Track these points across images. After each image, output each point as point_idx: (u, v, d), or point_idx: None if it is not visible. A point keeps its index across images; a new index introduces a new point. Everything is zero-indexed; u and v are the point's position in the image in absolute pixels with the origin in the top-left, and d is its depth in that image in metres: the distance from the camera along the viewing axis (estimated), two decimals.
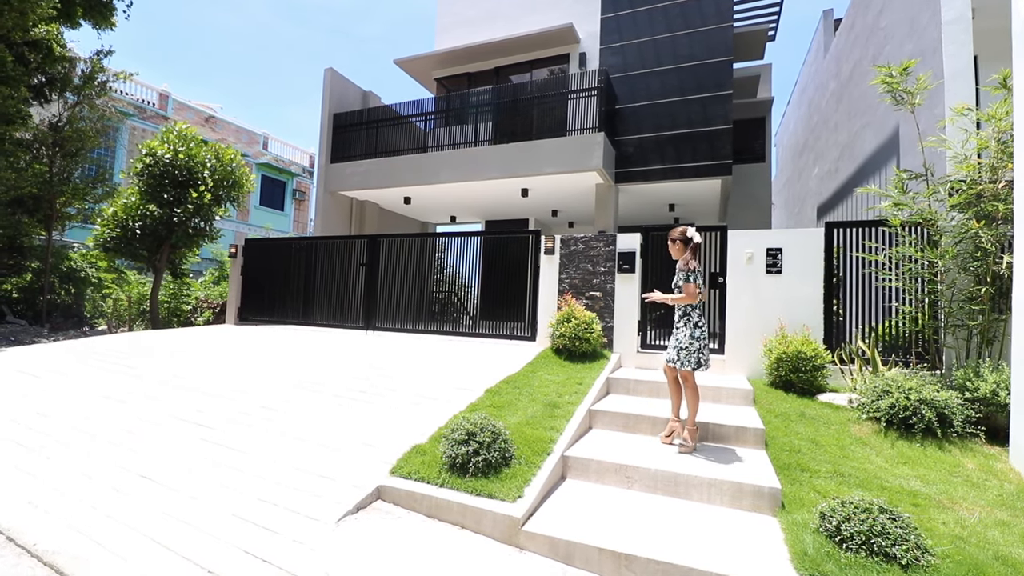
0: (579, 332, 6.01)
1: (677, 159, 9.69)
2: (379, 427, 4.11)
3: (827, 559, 2.49)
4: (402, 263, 8.19)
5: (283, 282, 9.28)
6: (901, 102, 5.31)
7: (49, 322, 10.41)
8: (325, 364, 6.07)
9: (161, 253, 11.17)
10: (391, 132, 11.14)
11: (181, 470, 3.46)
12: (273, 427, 4.16)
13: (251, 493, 3.14)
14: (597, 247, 6.68)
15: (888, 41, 7.78)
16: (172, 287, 13.37)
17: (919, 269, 5.00)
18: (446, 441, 3.42)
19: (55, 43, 9.79)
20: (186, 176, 10.88)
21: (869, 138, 8.83)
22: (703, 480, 3.35)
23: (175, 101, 19.78)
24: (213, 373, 5.74)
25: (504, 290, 7.42)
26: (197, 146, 11.11)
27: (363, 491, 3.14)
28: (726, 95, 9.44)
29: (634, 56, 10.18)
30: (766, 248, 5.92)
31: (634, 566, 2.58)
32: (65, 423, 4.29)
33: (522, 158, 9.51)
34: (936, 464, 3.76)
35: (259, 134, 23.05)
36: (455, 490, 3.12)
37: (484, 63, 11.95)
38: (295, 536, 2.69)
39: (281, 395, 4.94)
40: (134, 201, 10.72)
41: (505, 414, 4.27)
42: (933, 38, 6.11)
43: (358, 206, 12.24)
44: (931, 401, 4.06)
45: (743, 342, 5.94)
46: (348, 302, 8.63)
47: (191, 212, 10.95)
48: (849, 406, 4.76)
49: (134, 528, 2.74)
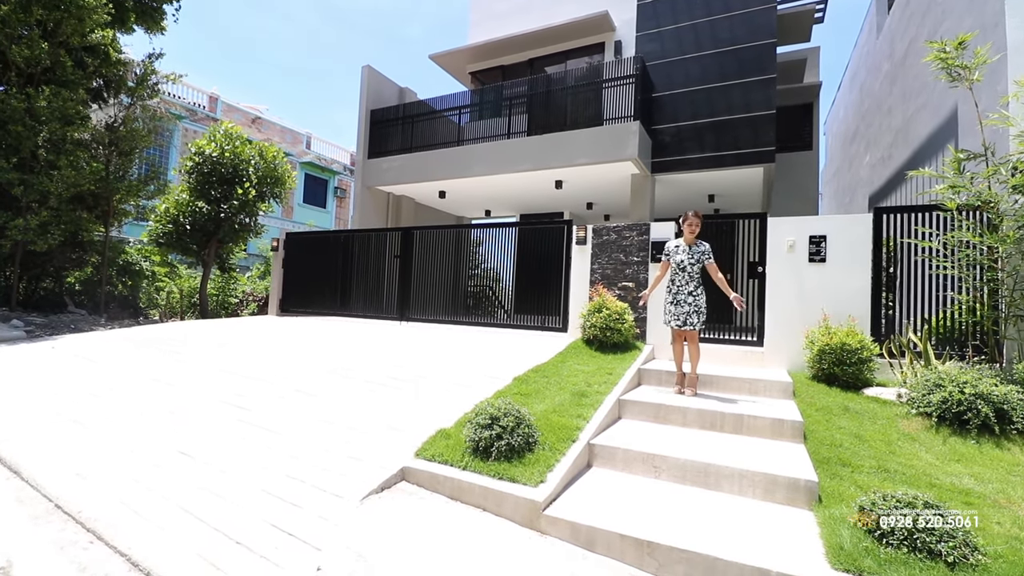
0: (610, 323, 5.92)
1: (716, 147, 9.37)
2: (406, 412, 4.17)
3: (865, 554, 2.35)
4: (435, 255, 8.28)
5: (322, 275, 9.57)
6: (957, 79, 4.94)
7: (107, 312, 11.08)
8: (358, 352, 6.21)
9: (209, 248, 11.72)
10: (426, 127, 11.26)
11: (218, 448, 3.61)
12: (306, 410, 4.29)
13: (281, 470, 3.24)
14: (630, 236, 6.55)
15: (946, 17, 7.27)
16: (220, 281, 14.00)
17: (977, 256, 4.66)
18: (470, 425, 3.43)
19: (111, 48, 10.37)
20: (232, 173, 11.36)
21: (925, 121, 8.29)
22: (735, 471, 3.23)
23: (224, 103, 20.67)
24: (253, 359, 5.97)
25: (536, 281, 7.39)
26: (242, 144, 11.57)
27: (388, 472, 3.19)
28: (769, 79, 9.05)
29: (672, 42, 9.90)
30: (809, 235, 5.65)
31: (657, 554, 2.51)
32: (115, 403, 4.56)
33: (555, 149, 9.42)
34: (993, 462, 3.50)
35: (302, 134, 23.80)
36: (478, 473, 3.12)
37: (518, 55, 11.90)
38: (320, 512, 2.76)
39: (315, 381, 5.09)
40: (184, 198, 11.28)
41: (532, 402, 4.25)
42: (995, 10, 5.66)
43: (394, 201, 12.45)
44: (989, 396, 3.78)
45: (783, 334, 5.70)
46: (383, 294, 8.81)
47: (237, 208, 11.43)
48: (898, 401, 4.50)
49: (170, 499, 2.88)
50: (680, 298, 4.82)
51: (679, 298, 4.83)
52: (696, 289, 4.79)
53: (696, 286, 4.80)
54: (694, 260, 4.80)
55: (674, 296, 4.88)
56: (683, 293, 4.81)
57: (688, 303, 4.78)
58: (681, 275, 4.85)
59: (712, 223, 6.35)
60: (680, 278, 4.86)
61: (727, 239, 6.33)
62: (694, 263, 4.79)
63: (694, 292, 4.79)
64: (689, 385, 4.83)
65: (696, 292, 4.79)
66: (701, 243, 4.89)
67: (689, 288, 4.80)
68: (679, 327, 4.81)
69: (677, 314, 4.82)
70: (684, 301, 4.79)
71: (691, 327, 4.75)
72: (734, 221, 6.34)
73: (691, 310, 4.76)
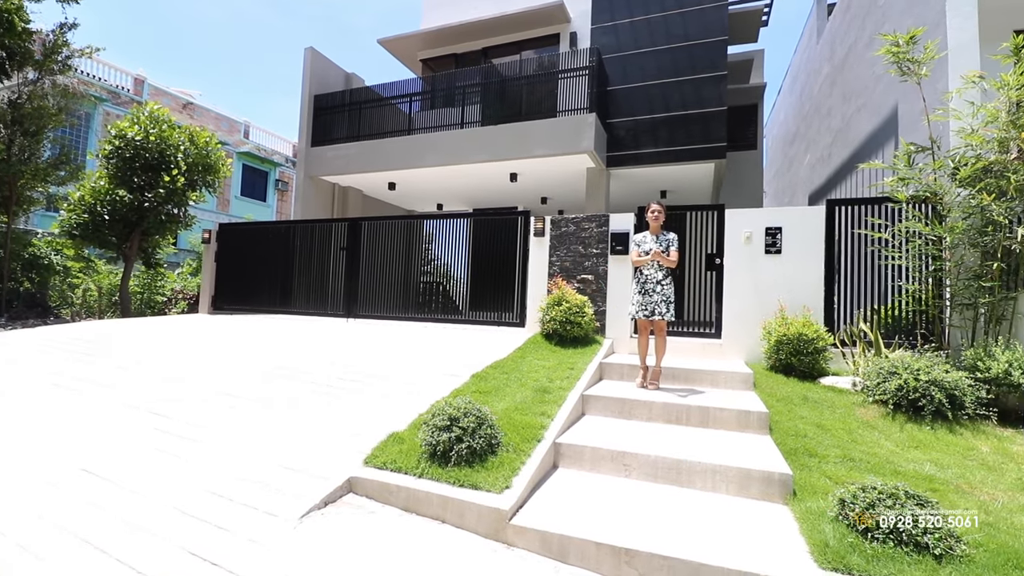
0: (570, 316, 5.72)
1: (670, 142, 9.41)
2: (354, 415, 3.78)
3: (851, 550, 2.23)
4: (385, 248, 7.83)
5: (260, 269, 8.86)
6: (907, 73, 5.06)
7: (9, 312, 9.86)
8: (300, 351, 5.71)
9: (132, 241, 10.66)
10: (375, 115, 10.72)
11: (128, 463, 3.10)
12: (238, 416, 3.81)
13: (205, 487, 2.80)
14: (589, 228, 6.39)
15: (887, 19, 7.56)
16: (145, 277, 12.83)
17: (925, 246, 4.78)
18: (426, 428, 3.10)
19: (16, 16, 9.19)
20: (158, 159, 10.36)
21: (864, 121, 8.63)
22: (707, 467, 3.08)
23: (151, 86, 19.06)
24: (176, 360, 5.35)
25: (492, 275, 7.10)
26: (170, 128, 10.58)
27: (332, 484, 2.81)
28: (721, 76, 9.17)
29: (627, 36, 9.86)
30: (765, 227, 5.67)
31: (636, 562, 2.30)
32: (5, 414, 3.89)
33: (511, 140, 9.17)
34: (949, 447, 3.54)
35: (240, 122, 22.38)
36: (435, 480, 2.81)
37: (471, 43, 11.55)
38: (250, 535, 2.36)
39: (249, 383, 4.59)
40: (103, 185, 10.18)
41: (492, 400, 3.97)
42: (936, 11, 5.87)
43: (340, 192, 11.80)
44: (941, 382, 3.84)
45: (741, 325, 5.70)
46: (328, 289, 8.25)
47: (163, 197, 10.44)
48: (853, 389, 4.55)
49: (65, 528, 2.40)
50: (648, 287, 4.73)
51: (647, 287, 4.74)
52: (664, 279, 4.74)
53: (665, 275, 4.74)
54: (663, 248, 4.75)
55: (642, 286, 4.78)
56: (651, 282, 4.72)
57: (657, 292, 4.69)
58: (650, 265, 4.78)
59: (671, 214, 6.28)
60: (648, 268, 4.79)
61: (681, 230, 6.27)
62: (663, 252, 4.73)
63: (662, 281, 4.72)
64: (653, 379, 4.71)
65: (664, 281, 4.73)
66: (667, 232, 4.84)
67: (658, 277, 4.72)
68: (646, 317, 4.71)
69: (645, 304, 4.72)
70: (653, 291, 4.71)
71: (659, 317, 4.66)
72: (691, 213, 6.29)
73: (660, 299, 4.68)
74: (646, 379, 4.74)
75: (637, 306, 4.77)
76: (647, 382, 4.71)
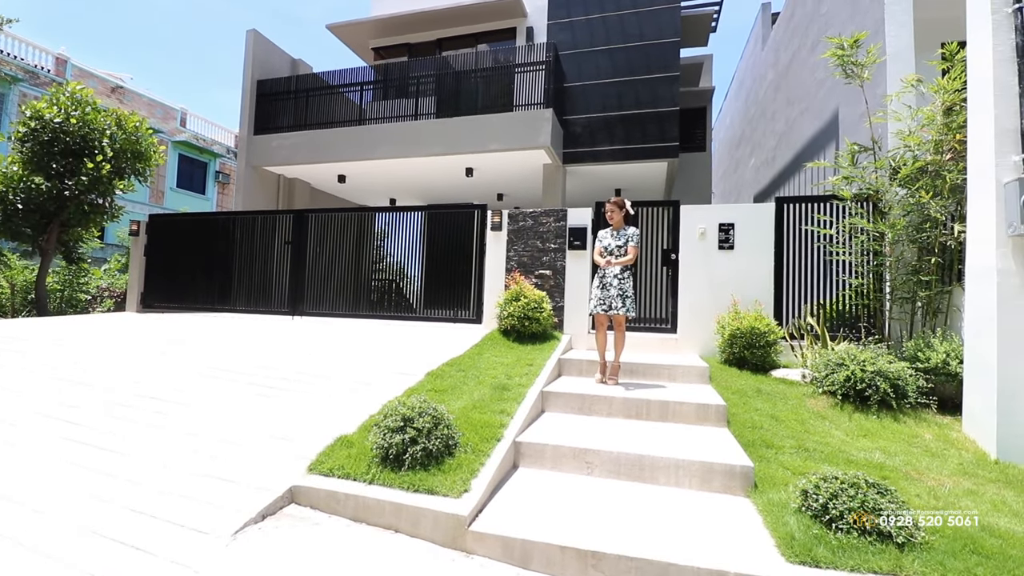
0: (528, 312, 5.60)
1: (626, 140, 9.48)
2: (298, 418, 3.50)
3: (816, 542, 2.20)
4: (334, 242, 7.45)
5: (196, 264, 8.25)
6: (851, 76, 5.26)
7: None
8: (238, 351, 5.30)
9: (49, 233, 9.68)
10: (324, 103, 10.22)
11: (32, 478, 2.71)
12: (164, 422, 3.44)
13: (123, 503, 2.47)
14: (547, 223, 6.29)
15: (829, 27, 7.89)
16: (66, 273, 11.73)
17: (869, 242, 4.97)
18: (378, 429, 2.88)
19: None
20: (80, 144, 9.44)
21: (807, 124, 9.00)
22: (670, 462, 3.02)
23: (75, 67, 17.53)
24: (97, 363, 4.84)
25: (448, 270, 6.88)
26: (95, 111, 9.69)
27: (271, 494, 2.55)
28: (674, 77, 9.32)
29: (583, 33, 9.86)
30: (719, 223, 5.76)
31: (603, 565, 2.18)
32: None
33: (467, 134, 8.96)
34: (895, 436, 3.67)
35: (176, 109, 20.95)
36: (388, 487, 2.60)
37: (425, 33, 11.25)
38: (174, 556, 2.08)
39: (180, 385, 4.18)
40: (15, 171, 9.18)
41: (449, 398, 3.78)
42: (876, 19, 6.15)
43: (286, 184, 11.21)
44: (886, 373, 3.97)
45: (696, 320, 5.76)
46: (272, 285, 7.77)
47: (86, 186, 9.52)
48: (803, 381, 4.66)
49: None
50: (607, 281, 4.69)
51: (605, 281, 4.69)
52: (622, 273, 4.69)
53: (623, 269, 4.70)
54: (621, 243, 4.72)
55: (600, 280, 4.73)
56: (609, 276, 4.68)
57: (614, 286, 4.64)
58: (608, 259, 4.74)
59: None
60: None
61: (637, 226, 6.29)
62: (621, 246, 4.71)
63: (619, 275, 4.68)
64: (612, 374, 4.66)
65: (622, 276, 4.69)
66: (627, 227, 4.81)
67: (615, 271, 4.68)
68: (604, 311, 4.66)
69: (603, 298, 4.67)
70: (610, 284, 4.66)
71: (616, 311, 4.61)
72: (648, 208, 6.31)
73: (616, 293, 4.63)
74: (605, 374, 4.68)
75: (596, 300, 4.72)
76: (606, 377, 4.65)
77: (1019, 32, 3.48)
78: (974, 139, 3.72)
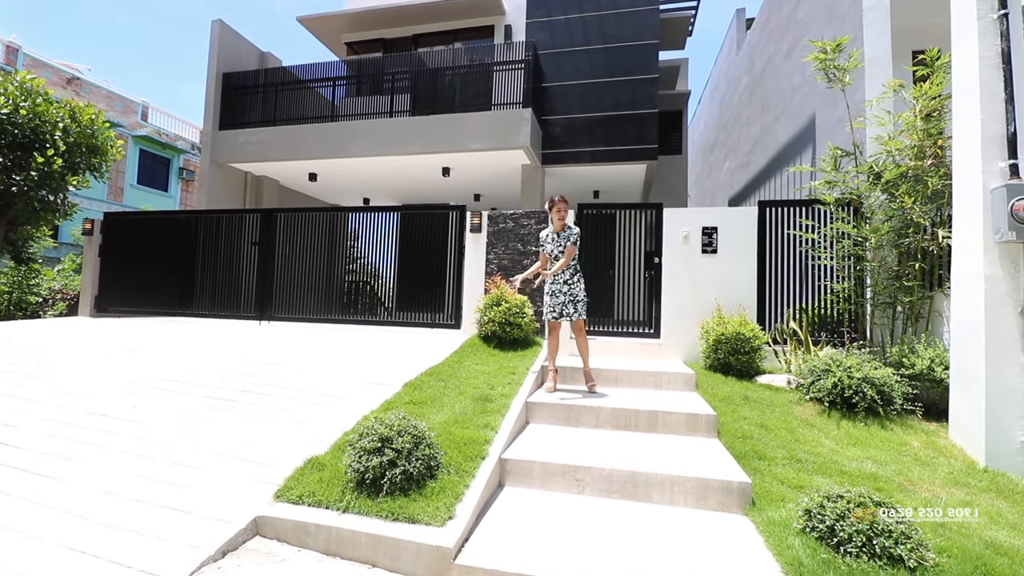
0: (510, 317, 5.41)
1: (606, 141, 9.40)
2: (264, 436, 3.22)
3: (825, 568, 2.08)
4: (305, 243, 7.11)
5: (156, 265, 7.78)
6: (833, 80, 5.25)
7: None
8: (198, 358, 4.95)
9: None
10: (294, 98, 9.82)
11: None
12: (112, 442, 3.11)
13: (58, 541, 2.17)
14: (528, 225, 6.12)
15: (806, 32, 7.95)
16: (14, 274, 10.97)
17: (852, 247, 4.96)
18: (352, 451, 2.64)
19: None
20: (30, 137, 8.83)
21: (782, 129, 9.07)
22: (664, 478, 2.88)
23: (28, 56, 16.55)
24: (40, 373, 4.43)
25: (425, 273, 6.64)
26: (46, 102, 9.07)
27: (233, 527, 2.28)
28: (652, 79, 9.29)
29: (562, 33, 9.74)
30: (702, 227, 5.68)
31: None
32: None
33: (444, 132, 8.72)
34: (883, 444, 3.62)
35: (137, 102, 20.03)
36: (364, 515, 2.37)
37: (401, 29, 10.96)
38: None
39: (131, 400, 3.84)
40: None
41: (428, 411, 3.56)
42: (854, 24, 6.18)
43: (254, 182, 10.75)
44: (872, 379, 3.93)
45: (679, 325, 5.67)
46: (239, 289, 7.38)
47: (36, 181, 8.90)
48: (788, 387, 4.61)
49: None
50: (555, 288, 4.52)
51: (554, 288, 4.54)
52: (572, 278, 4.52)
53: (572, 275, 4.52)
54: (561, 246, 4.51)
55: (549, 286, 4.58)
56: (558, 283, 4.51)
57: (563, 292, 4.48)
58: (554, 264, 4.59)
59: (608, 212, 6.17)
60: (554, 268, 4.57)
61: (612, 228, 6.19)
62: (562, 250, 4.50)
63: (569, 281, 4.51)
64: (587, 381, 4.51)
65: (571, 281, 4.51)
66: (569, 228, 4.55)
67: (564, 277, 4.51)
68: (555, 319, 4.51)
69: (553, 305, 4.52)
70: (559, 291, 4.50)
71: (567, 318, 4.46)
72: (631, 211, 6.20)
73: (566, 300, 4.47)
74: (556, 383, 4.50)
75: (547, 307, 4.57)
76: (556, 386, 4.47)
77: (1004, 38, 3.47)
78: (960, 145, 3.70)
